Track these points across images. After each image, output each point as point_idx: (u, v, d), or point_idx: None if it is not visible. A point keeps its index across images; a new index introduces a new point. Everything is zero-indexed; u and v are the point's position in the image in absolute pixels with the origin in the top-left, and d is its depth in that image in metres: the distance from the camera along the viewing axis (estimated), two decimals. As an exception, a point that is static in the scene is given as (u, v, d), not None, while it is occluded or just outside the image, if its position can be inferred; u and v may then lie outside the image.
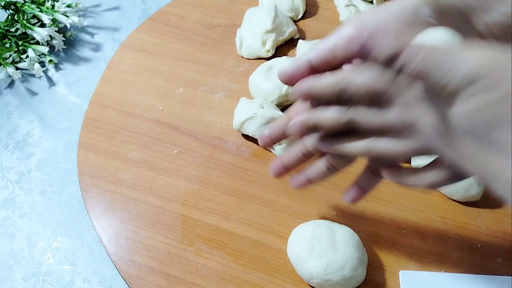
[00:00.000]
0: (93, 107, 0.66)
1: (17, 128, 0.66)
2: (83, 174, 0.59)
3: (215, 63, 0.70)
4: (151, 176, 0.59)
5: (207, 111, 0.65)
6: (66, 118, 0.67)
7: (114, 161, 0.60)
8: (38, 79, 0.72)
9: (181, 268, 0.52)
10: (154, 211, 0.56)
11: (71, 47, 0.76)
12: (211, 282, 0.51)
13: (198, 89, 0.67)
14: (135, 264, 0.52)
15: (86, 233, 0.57)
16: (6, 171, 0.62)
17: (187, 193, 0.57)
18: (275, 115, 0.59)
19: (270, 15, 0.69)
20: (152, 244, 0.53)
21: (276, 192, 0.57)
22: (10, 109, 0.68)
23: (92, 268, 0.54)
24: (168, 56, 0.71)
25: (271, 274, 0.51)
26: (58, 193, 0.60)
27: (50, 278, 0.54)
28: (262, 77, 0.63)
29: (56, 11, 0.74)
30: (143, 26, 0.75)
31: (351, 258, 0.48)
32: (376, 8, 0.36)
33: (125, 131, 0.63)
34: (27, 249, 0.56)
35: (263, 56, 0.69)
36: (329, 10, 0.76)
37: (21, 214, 0.58)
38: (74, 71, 0.73)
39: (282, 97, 0.62)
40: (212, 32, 0.74)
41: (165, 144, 0.62)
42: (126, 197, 0.57)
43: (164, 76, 0.69)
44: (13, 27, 0.74)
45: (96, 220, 0.55)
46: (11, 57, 0.72)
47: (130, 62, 0.71)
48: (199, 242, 0.53)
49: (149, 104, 0.66)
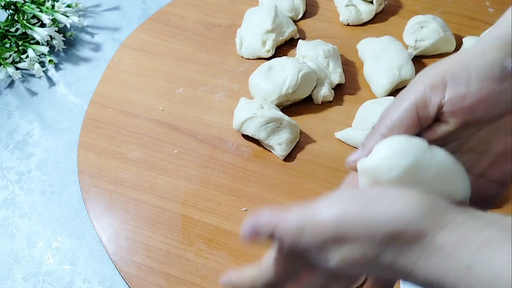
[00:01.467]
0: (93, 107, 0.66)
1: (17, 128, 0.66)
2: (83, 174, 0.59)
3: (215, 63, 0.70)
4: (151, 176, 0.59)
5: (207, 111, 0.65)
6: (66, 118, 0.67)
7: (114, 161, 0.60)
8: (38, 79, 0.72)
9: (181, 268, 0.52)
10: (154, 211, 0.56)
11: (71, 47, 0.76)
12: (211, 282, 0.51)
13: (198, 89, 0.67)
14: (135, 264, 0.52)
15: (86, 233, 0.57)
16: (6, 171, 0.62)
17: (187, 193, 0.57)
18: (275, 115, 0.59)
19: (270, 15, 0.69)
20: (152, 244, 0.53)
21: (276, 192, 0.57)
22: (10, 109, 0.68)
23: (92, 268, 0.54)
24: (168, 56, 0.71)
25: (271, 274, 0.51)
26: (58, 193, 0.60)
27: (50, 278, 0.54)
28: (262, 77, 0.63)
29: (56, 11, 0.74)
30: (143, 26, 0.75)
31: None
32: (453, 58, 0.31)
33: (125, 131, 0.63)
34: (27, 249, 0.56)
35: (263, 56, 0.69)
36: (329, 10, 0.76)
37: (21, 214, 0.58)
38: (74, 71, 0.73)
39: (282, 97, 0.62)
40: (212, 32, 0.74)
41: (165, 144, 0.62)
42: (126, 197, 0.57)
43: (164, 76, 0.69)
44: (13, 27, 0.74)
45: (96, 220, 0.55)
46: (11, 57, 0.72)
47: (130, 62, 0.71)
48: (199, 242, 0.53)
49: (149, 104, 0.66)
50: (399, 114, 0.30)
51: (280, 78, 0.62)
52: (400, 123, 0.30)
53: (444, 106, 0.30)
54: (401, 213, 0.25)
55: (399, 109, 0.30)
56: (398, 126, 0.30)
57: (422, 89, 0.30)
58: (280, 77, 0.62)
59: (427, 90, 0.30)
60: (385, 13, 0.75)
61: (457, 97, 0.29)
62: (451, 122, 0.30)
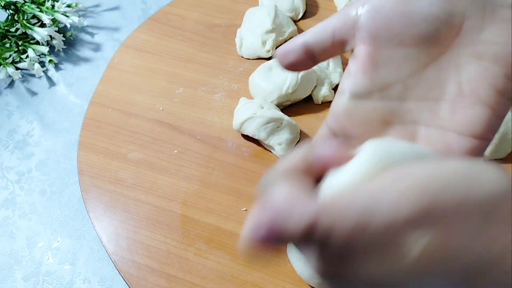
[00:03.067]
0: (93, 107, 0.66)
1: (17, 128, 0.66)
2: (83, 174, 0.59)
3: (215, 63, 0.70)
4: (151, 176, 0.59)
5: (207, 111, 0.65)
6: (66, 118, 0.67)
7: (114, 161, 0.60)
8: (38, 79, 0.72)
9: (181, 268, 0.52)
10: (154, 211, 0.56)
11: (71, 47, 0.76)
12: (211, 282, 0.51)
13: (198, 89, 0.67)
14: (135, 264, 0.52)
15: (86, 233, 0.57)
16: (6, 171, 0.62)
17: (187, 193, 0.57)
18: (275, 115, 0.59)
19: (270, 15, 0.69)
20: (152, 244, 0.53)
21: (276, 192, 0.57)
22: (10, 109, 0.68)
23: (92, 268, 0.54)
24: (168, 56, 0.71)
25: (271, 274, 0.51)
26: (58, 193, 0.60)
27: (50, 278, 0.54)
28: (262, 77, 0.63)
29: (56, 11, 0.74)
30: (143, 26, 0.75)
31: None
32: None
33: (125, 131, 0.63)
34: (27, 249, 0.56)
35: (263, 56, 0.69)
36: (329, 10, 0.76)
37: (21, 214, 0.58)
38: (74, 71, 0.73)
39: (282, 97, 0.62)
40: (212, 32, 0.74)
41: (165, 144, 0.62)
42: (126, 197, 0.57)
43: (164, 76, 0.69)
44: (13, 27, 0.74)
45: (96, 220, 0.55)
46: (11, 57, 0.72)
47: (130, 62, 0.71)
48: (199, 242, 0.53)
49: (149, 104, 0.66)
50: (319, 24, 0.29)
51: (280, 78, 0.62)
52: (316, 31, 0.29)
53: (359, 20, 0.27)
54: (503, 188, 0.20)
55: (321, 22, 0.29)
56: (315, 34, 0.29)
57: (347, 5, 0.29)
58: (280, 77, 0.62)
59: (349, 6, 0.28)
60: (385, 13, 0.75)
61: (372, 9, 0.27)
62: (367, 39, 0.27)
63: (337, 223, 0.19)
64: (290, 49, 0.29)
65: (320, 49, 0.29)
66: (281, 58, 0.30)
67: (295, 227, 0.19)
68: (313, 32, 0.29)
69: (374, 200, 0.19)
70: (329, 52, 0.29)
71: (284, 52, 0.30)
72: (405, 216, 0.18)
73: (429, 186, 0.19)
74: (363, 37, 0.27)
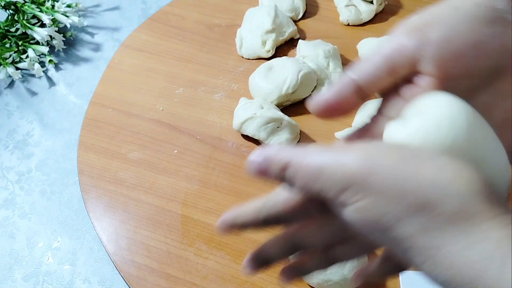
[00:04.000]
0: (93, 107, 0.66)
1: (17, 128, 0.66)
2: (83, 174, 0.59)
3: (215, 63, 0.70)
4: (151, 176, 0.59)
5: (207, 111, 0.65)
6: (66, 118, 0.67)
7: (114, 161, 0.60)
8: (38, 79, 0.72)
9: (181, 268, 0.52)
10: (154, 211, 0.56)
11: (71, 47, 0.76)
12: (211, 282, 0.51)
13: (198, 89, 0.67)
14: (135, 264, 0.52)
15: (86, 233, 0.57)
16: (6, 171, 0.62)
17: (187, 193, 0.57)
18: (274, 115, 0.59)
19: (270, 15, 0.69)
20: (152, 244, 0.53)
21: (276, 192, 0.57)
22: (10, 109, 0.68)
23: (92, 268, 0.54)
24: (168, 56, 0.71)
25: (271, 274, 0.51)
26: (58, 193, 0.60)
27: (50, 278, 0.54)
28: (262, 77, 0.63)
29: (56, 11, 0.74)
30: (143, 26, 0.75)
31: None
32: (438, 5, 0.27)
33: (125, 131, 0.63)
34: (27, 249, 0.56)
35: (263, 56, 0.69)
36: (329, 10, 0.76)
37: (21, 214, 0.58)
38: (74, 71, 0.73)
39: (282, 97, 0.62)
40: (212, 32, 0.74)
41: (165, 144, 0.62)
42: (126, 197, 0.57)
43: (164, 76, 0.69)
44: (13, 27, 0.74)
45: (96, 220, 0.55)
46: (11, 57, 0.72)
47: (130, 62, 0.71)
48: (199, 242, 0.53)
49: (149, 104, 0.66)
50: (372, 59, 0.27)
51: (280, 78, 0.62)
52: (369, 69, 0.27)
53: (425, 52, 0.25)
54: (445, 184, 0.21)
55: (372, 56, 0.27)
56: (368, 72, 0.27)
57: (399, 32, 0.26)
58: (280, 77, 0.62)
59: (403, 33, 0.26)
60: (385, 13, 0.75)
61: (442, 40, 0.25)
62: (434, 72, 0.26)
63: (297, 176, 0.25)
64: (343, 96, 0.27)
65: (374, 88, 0.27)
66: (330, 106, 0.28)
67: (275, 167, 0.26)
68: (365, 70, 0.27)
69: (327, 162, 0.24)
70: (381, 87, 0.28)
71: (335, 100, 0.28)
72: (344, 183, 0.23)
73: (372, 166, 0.23)
74: (428, 69, 0.26)
